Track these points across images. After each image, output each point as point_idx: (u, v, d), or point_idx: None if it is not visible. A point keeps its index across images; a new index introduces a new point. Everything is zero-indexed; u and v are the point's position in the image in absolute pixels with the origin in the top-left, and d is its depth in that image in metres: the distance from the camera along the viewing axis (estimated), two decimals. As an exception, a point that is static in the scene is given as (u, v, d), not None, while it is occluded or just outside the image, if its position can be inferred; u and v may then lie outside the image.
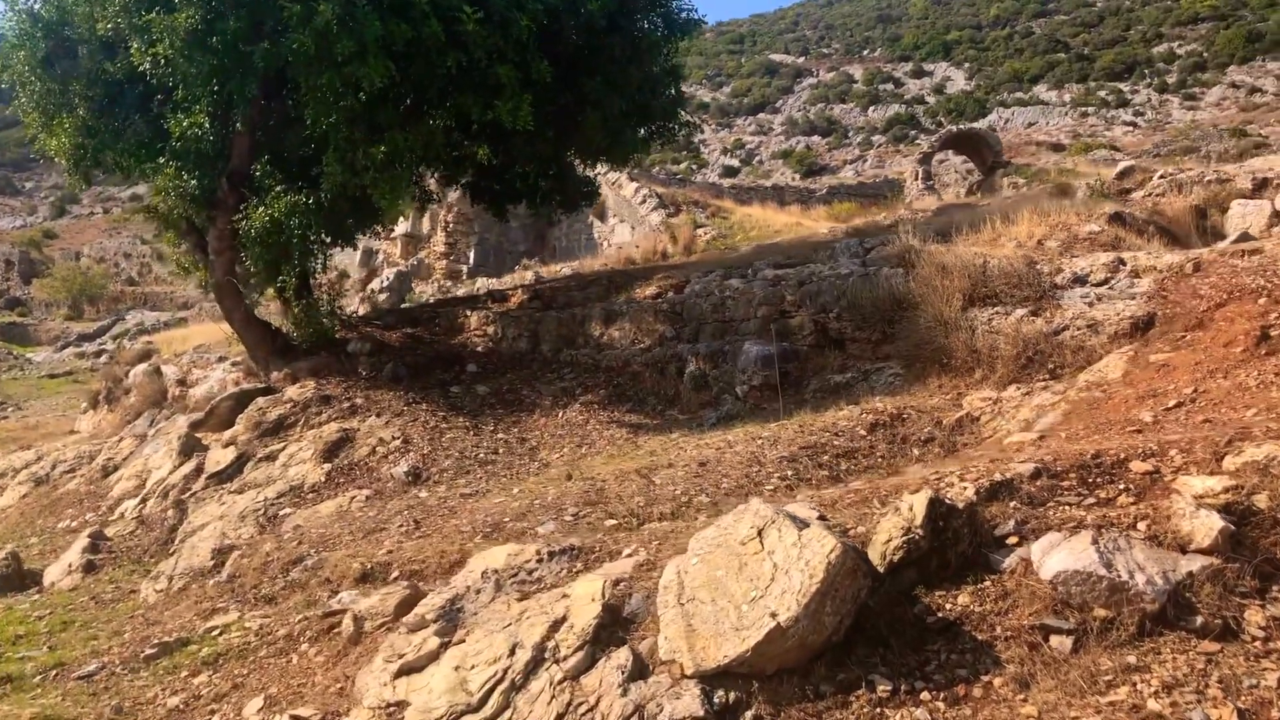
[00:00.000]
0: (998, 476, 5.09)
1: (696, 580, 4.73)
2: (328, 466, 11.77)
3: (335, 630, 6.72)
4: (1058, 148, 64.24)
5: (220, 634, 7.44)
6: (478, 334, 15.85)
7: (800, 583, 4.38)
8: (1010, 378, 9.34)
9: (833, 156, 78.38)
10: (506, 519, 8.41)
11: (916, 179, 42.89)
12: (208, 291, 17.85)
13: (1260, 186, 14.22)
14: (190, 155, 13.38)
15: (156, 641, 7.49)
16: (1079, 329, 9.13)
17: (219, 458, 12.75)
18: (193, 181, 13.55)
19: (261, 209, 12.86)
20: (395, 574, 7.71)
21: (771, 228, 30.46)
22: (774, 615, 4.35)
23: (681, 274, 14.48)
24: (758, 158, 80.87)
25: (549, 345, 14.65)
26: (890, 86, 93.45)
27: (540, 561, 5.98)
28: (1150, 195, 14.75)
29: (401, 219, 29.40)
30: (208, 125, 13.21)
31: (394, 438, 12.10)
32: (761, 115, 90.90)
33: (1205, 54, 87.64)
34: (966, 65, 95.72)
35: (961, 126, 48.72)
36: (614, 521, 8.08)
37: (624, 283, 15.39)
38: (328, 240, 15.05)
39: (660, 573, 5.11)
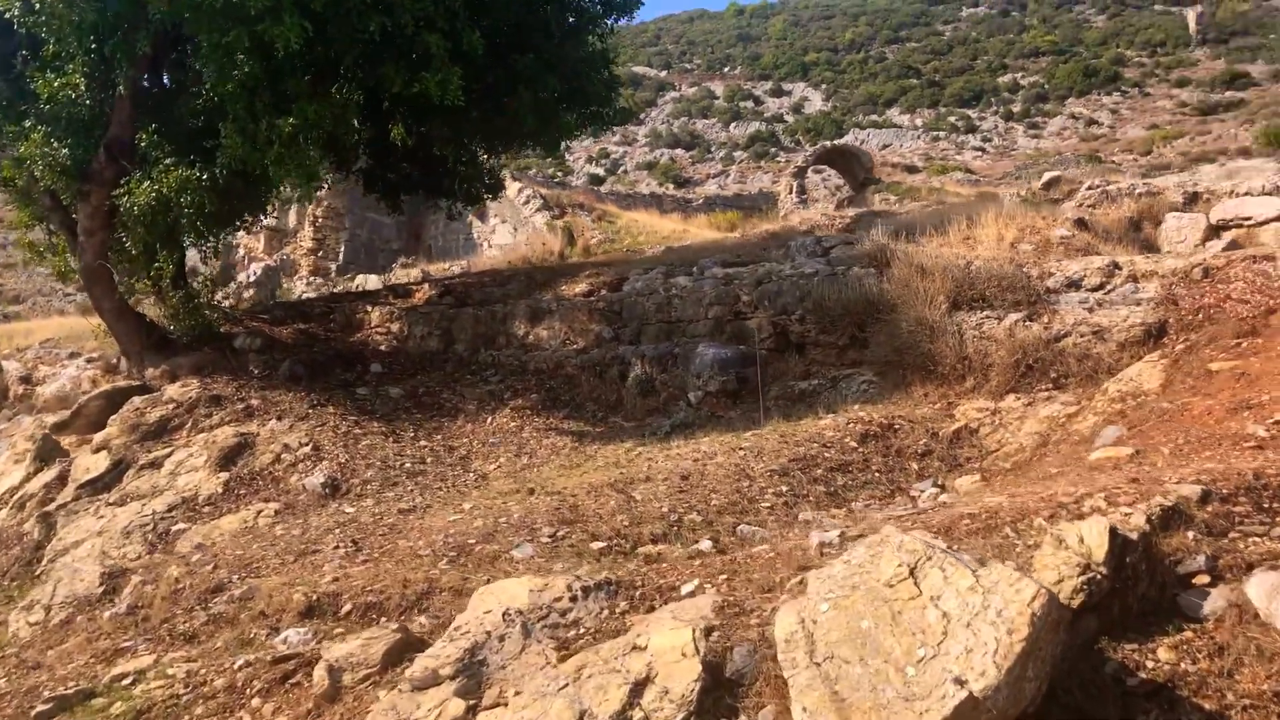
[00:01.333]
0: (1161, 501, 4.26)
1: (833, 633, 3.72)
2: (225, 475, 10.29)
3: (294, 681, 5.44)
4: (911, 169, 65.82)
5: (134, 683, 6.03)
6: (380, 331, 14.46)
7: (995, 640, 3.42)
8: (1007, 387, 8.69)
9: (697, 170, 78.45)
10: (471, 540, 7.24)
11: (791, 192, 42.97)
12: (65, 279, 15.91)
13: (1191, 200, 14.13)
14: (61, 120, 11.68)
15: (50, 695, 6.02)
16: (1082, 336, 8.54)
17: (90, 464, 11.06)
18: (64, 151, 11.83)
19: (147, 184, 11.28)
20: (348, 607, 6.46)
21: (659, 233, 29.74)
22: (960, 682, 3.38)
23: (613, 271, 13.47)
24: (623, 167, 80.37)
25: (465, 345, 13.41)
26: (750, 104, 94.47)
27: (574, 600, 4.88)
28: (1082, 205, 14.52)
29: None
30: (84, 87, 11.53)
31: (301, 444, 10.69)
32: (627, 126, 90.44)
33: (1046, 86, 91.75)
34: (824, 86, 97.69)
35: (835, 142, 49.20)
36: (600, 544, 7.03)
37: (546, 279, 14.27)
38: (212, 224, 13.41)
39: (760, 619, 4.12)
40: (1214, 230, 13.08)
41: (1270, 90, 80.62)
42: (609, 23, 13.16)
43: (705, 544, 6.94)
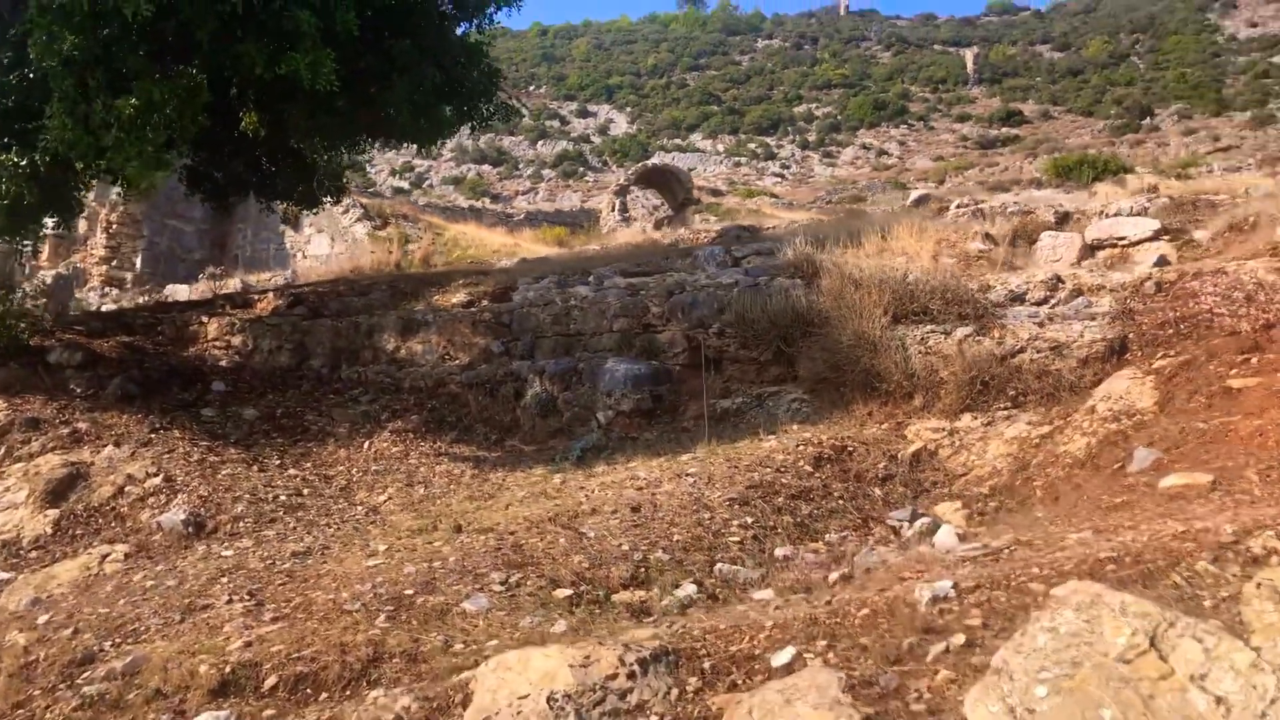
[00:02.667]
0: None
1: (1059, 722, 2.93)
2: (54, 513, 8.69)
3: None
4: (716, 193, 66.87)
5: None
6: (218, 345, 12.83)
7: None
8: (961, 405, 8.19)
9: (505, 186, 77.33)
10: (407, 591, 6.11)
11: (613, 210, 42.66)
12: None
13: (1063, 220, 14.29)
14: None
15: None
16: (1039, 352, 8.14)
17: (-128, 505, 9.13)
18: None
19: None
20: (272, 680, 5.21)
21: (489, 246, 28.62)
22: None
23: (492, 281, 12.38)
24: (428, 181, 78.29)
25: (323, 360, 12.02)
26: (557, 124, 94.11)
27: (632, 676, 3.89)
28: (956, 222, 14.47)
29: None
30: None
31: (149, 474, 9.15)
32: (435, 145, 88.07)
33: (839, 116, 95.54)
34: (629, 109, 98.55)
35: (655, 163, 49.21)
36: (566, 591, 6.05)
37: (413, 289, 13.03)
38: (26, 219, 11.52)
39: (925, 704, 3.27)
40: (1089, 249, 13.16)
41: (1041, 127, 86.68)
42: (489, 13, 12.11)
43: (689, 589, 6.06)
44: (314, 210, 16.46)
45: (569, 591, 6.02)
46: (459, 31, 12.25)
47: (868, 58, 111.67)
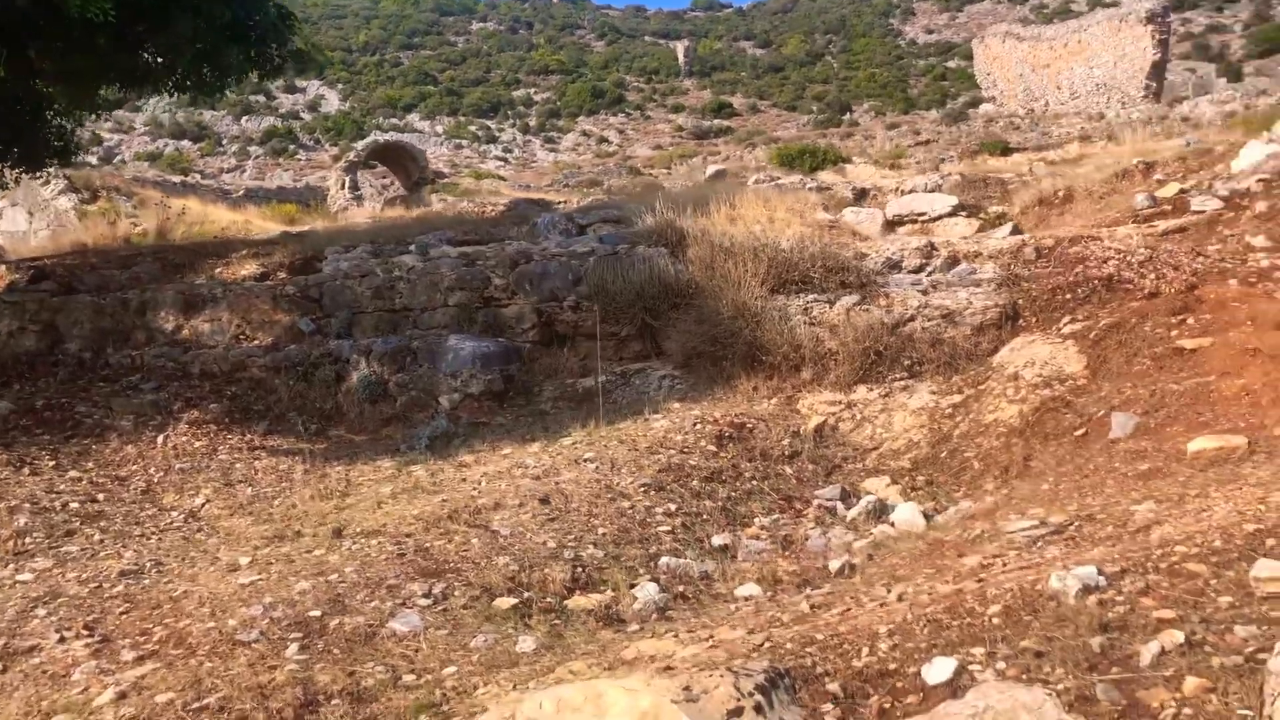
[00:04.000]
0: None
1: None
2: None
3: None
4: (439, 174, 65.18)
5: None
6: (-64, 328, 10.63)
7: None
8: (854, 378, 7.83)
9: (207, 164, 71.76)
10: (313, 612, 5.00)
11: (343, 187, 40.44)
12: None
13: (860, 196, 14.47)
14: None
15: None
16: (930, 320, 7.91)
17: None
18: None
19: None
20: (172, 739, 4.06)
21: (217, 222, 26.07)
22: None
23: (289, 250, 10.95)
24: (119, 156, 71.43)
25: (82, 342, 10.21)
26: (263, 99, 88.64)
27: (761, 711, 3.10)
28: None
29: None
30: None
31: (-122, 488, 7.31)
32: (120, 113, 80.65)
33: (559, 102, 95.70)
34: (340, 86, 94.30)
35: (389, 138, 46.97)
36: (509, 600, 5.17)
37: (188, 261, 11.35)
38: None
39: None
40: (890, 225, 13.34)
41: (750, 120, 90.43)
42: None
43: (649, 589, 5.30)
44: (36, 173, 14.22)
45: (512, 600, 5.12)
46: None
47: (582, 45, 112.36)
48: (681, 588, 5.37)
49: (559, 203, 16.47)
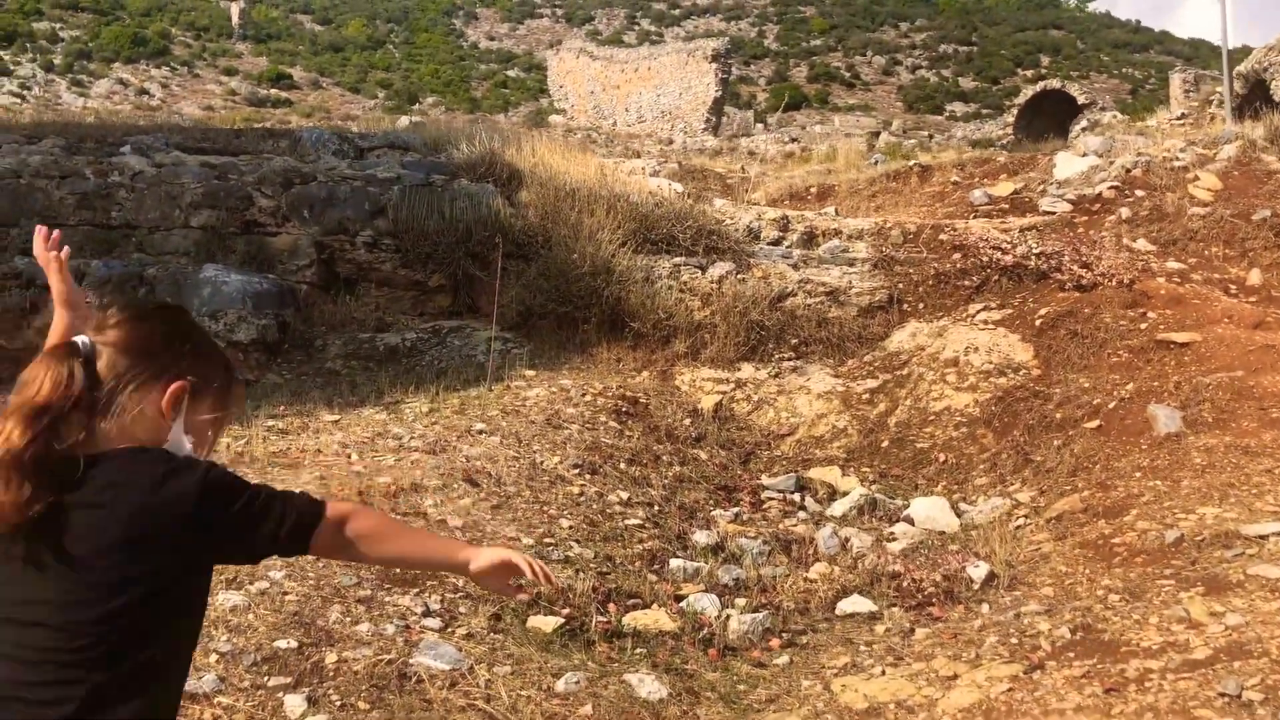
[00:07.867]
0: None
1: None
2: None
3: None
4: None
5: None
6: None
7: None
8: (737, 354, 6.85)
9: None
10: (282, 642, 3.14)
11: None
12: None
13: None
14: None
15: None
16: (813, 297, 7.12)
17: None
18: None
19: None
20: None
21: None
22: None
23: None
24: None
25: None
26: None
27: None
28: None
29: None
30: None
31: None
32: None
33: (91, 44, 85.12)
34: None
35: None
36: (551, 621, 3.70)
37: None
38: None
39: None
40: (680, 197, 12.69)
41: (311, 95, 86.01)
42: None
43: (706, 601, 3.95)
44: None
45: (552, 621, 3.59)
46: None
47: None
48: (744, 600, 4.09)
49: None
